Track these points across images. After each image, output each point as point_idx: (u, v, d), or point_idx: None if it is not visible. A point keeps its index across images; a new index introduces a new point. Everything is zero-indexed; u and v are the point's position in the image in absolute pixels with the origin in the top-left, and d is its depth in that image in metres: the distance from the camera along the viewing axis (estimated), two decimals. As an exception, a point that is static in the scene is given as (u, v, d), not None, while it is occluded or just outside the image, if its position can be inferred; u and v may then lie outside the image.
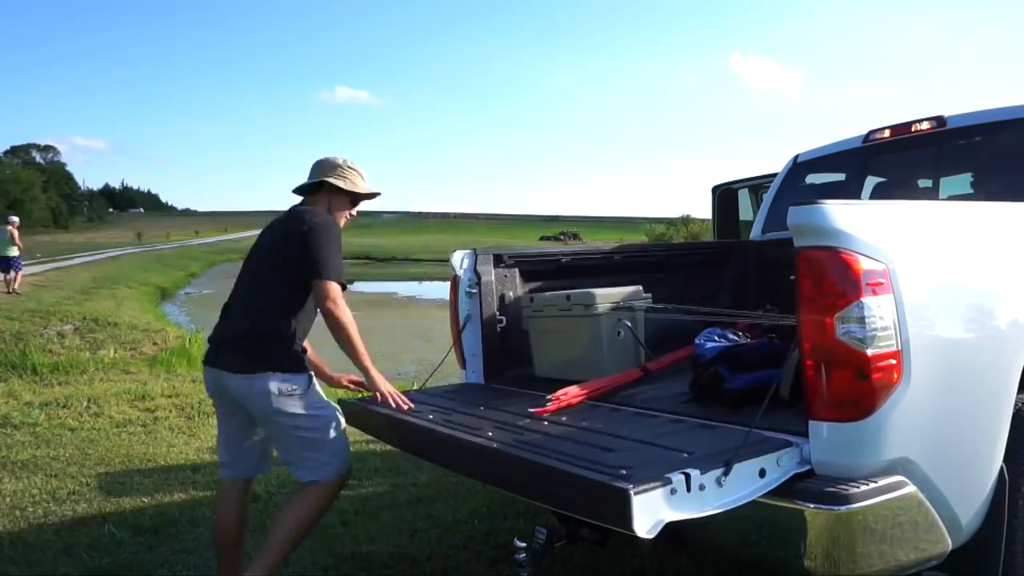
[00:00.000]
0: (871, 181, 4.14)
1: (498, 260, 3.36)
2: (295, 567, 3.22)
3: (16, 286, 15.67)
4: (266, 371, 2.63)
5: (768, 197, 4.68)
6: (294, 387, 2.66)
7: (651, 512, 1.67)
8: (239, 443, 2.86)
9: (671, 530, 1.69)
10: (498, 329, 3.26)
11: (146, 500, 4.31)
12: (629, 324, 3.14)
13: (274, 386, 2.62)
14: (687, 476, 1.73)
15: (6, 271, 15.80)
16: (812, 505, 1.79)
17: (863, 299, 1.84)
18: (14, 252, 16.02)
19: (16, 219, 17.18)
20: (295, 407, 2.65)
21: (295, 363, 2.71)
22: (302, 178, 2.99)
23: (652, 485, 1.68)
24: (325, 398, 2.79)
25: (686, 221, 42.96)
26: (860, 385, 1.84)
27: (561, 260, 3.35)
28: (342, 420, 2.78)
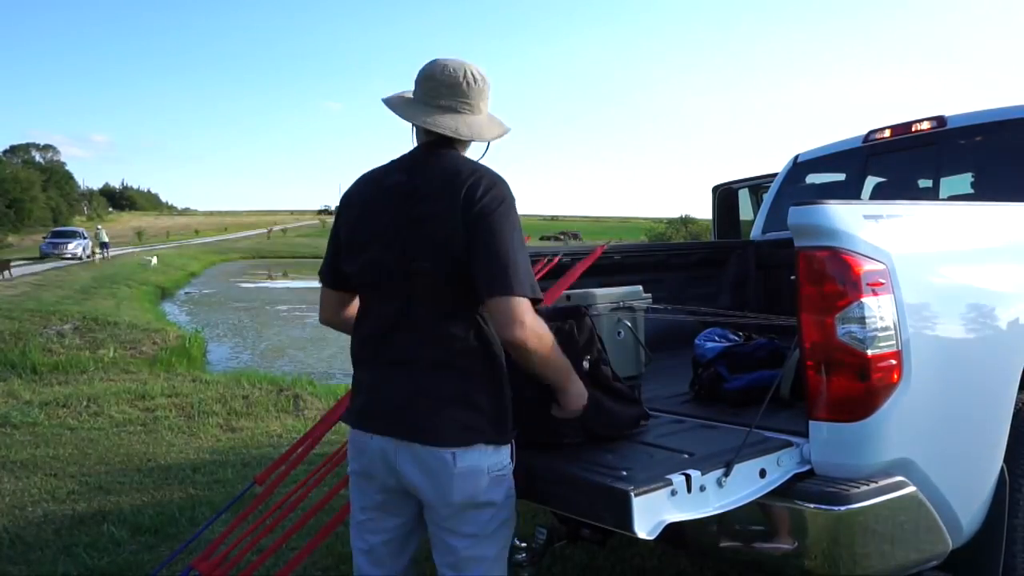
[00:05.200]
0: (871, 181, 4.14)
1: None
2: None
3: (108, 256, 35.03)
4: None
5: (768, 197, 4.68)
6: None
7: (651, 513, 1.66)
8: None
9: (671, 530, 1.69)
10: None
11: (146, 500, 4.31)
12: (629, 324, 3.14)
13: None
14: (687, 477, 1.73)
15: (105, 249, 36.57)
16: (812, 505, 1.79)
17: (863, 299, 1.84)
18: (105, 239, 37.58)
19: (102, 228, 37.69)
20: None
21: None
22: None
23: (652, 486, 1.68)
24: None
25: (686, 221, 43.01)
26: (860, 385, 1.84)
27: (561, 260, 3.34)
28: None
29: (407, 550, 1.95)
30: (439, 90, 1.81)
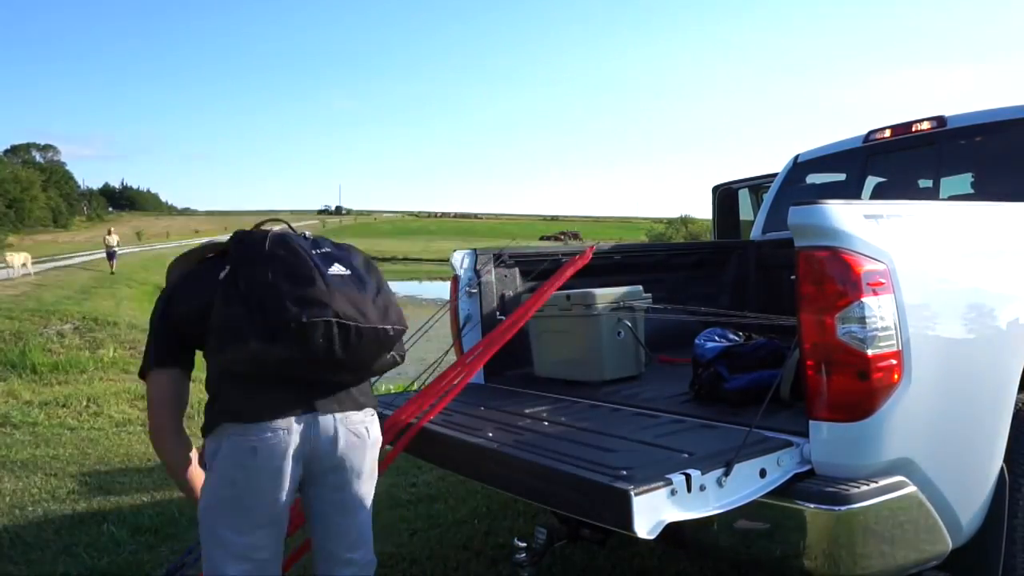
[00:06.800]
0: (871, 181, 4.14)
1: (498, 260, 3.36)
2: (296, 567, 3.22)
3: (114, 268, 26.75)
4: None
5: (768, 197, 4.68)
6: None
7: (652, 513, 1.66)
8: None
9: (671, 530, 1.69)
10: (498, 329, 3.26)
11: (146, 499, 4.31)
12: (629, 324, 3.14)
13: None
14: (687, 476, 1.73)
15: (111, 260, 27.49)
16: (812, 505, 1.79)
17: (863, 299, 1.84)
18: (115, 247, 28.29)
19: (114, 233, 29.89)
20: None
21: None
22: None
23: (653, 486, 1.68)
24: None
25: (686, 221, 43.03)
26: (860, 385, 1.84)
27: (560, 260, 3.35)
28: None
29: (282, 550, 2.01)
30: None
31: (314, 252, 1.96)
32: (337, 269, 1.94)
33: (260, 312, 1.81)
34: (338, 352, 1.86)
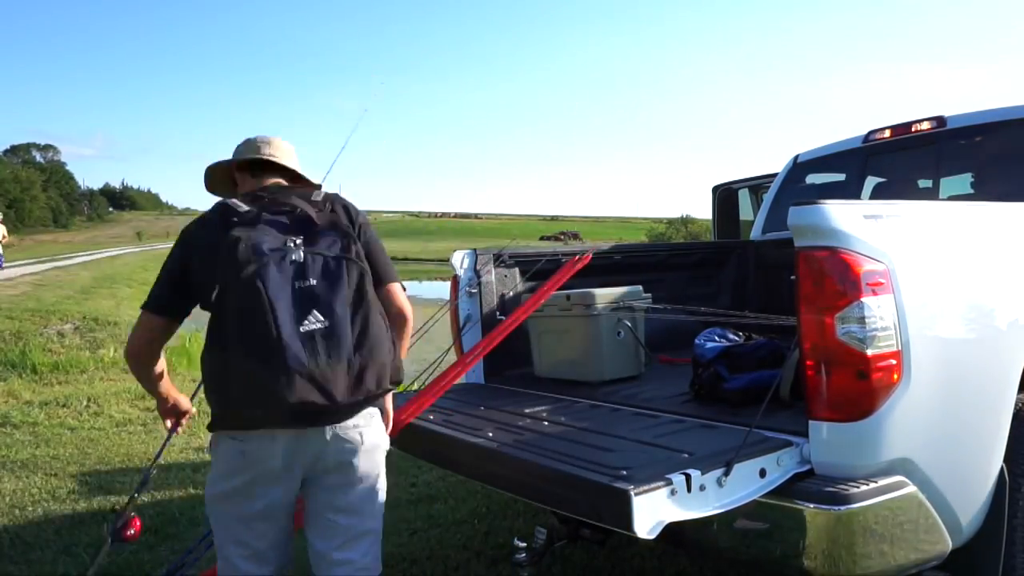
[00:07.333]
0: (871, 181, 4.15)
1: (498, 260, 3.36)
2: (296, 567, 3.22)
3: None
4: None
5: (768, 197, 4.68)
6: None
7: (651, 512, 1.67)
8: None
9: (671, 530, 1.69)
10: (498, 329, 3.26)
11: (146, 499, 4.31)
12: (629, 324, 3.14)
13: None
14: (687, 476, 1.73)
15: None
16: (812, 505, 1.80)
17: (863, 299, 1.84)
18: None
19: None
20: None
21: None
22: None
23: (653, 485, 1.68)
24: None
25: (686, 221, 43.10)
26: (860, 385, 1.84)
27: (560, 260, 3.35)
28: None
29: (290, 542, 2.04)
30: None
31: (296, 285, 1.79)
32: (312, 322, 1.76)
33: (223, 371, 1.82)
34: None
